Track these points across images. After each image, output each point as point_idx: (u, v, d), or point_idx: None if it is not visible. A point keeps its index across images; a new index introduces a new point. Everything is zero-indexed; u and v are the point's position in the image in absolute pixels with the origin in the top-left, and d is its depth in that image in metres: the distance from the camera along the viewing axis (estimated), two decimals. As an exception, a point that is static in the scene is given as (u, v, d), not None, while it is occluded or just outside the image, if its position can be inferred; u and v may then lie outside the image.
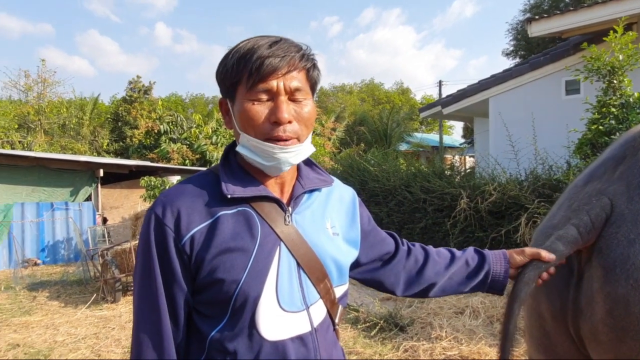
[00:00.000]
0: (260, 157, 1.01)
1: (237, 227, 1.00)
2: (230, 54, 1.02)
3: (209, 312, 1.00)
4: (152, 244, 0.99)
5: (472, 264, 1.27)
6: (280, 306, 0.99)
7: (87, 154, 24.32)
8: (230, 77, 1.01)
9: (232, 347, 0.97)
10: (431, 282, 1.25)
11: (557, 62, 8.22)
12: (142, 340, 0.99)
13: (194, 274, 0.99)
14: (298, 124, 1.01)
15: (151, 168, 13.26)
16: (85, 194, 12.11)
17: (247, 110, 0.99)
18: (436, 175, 7.31)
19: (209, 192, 1.03)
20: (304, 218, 1.07)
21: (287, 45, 1.00)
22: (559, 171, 6.14)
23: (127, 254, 6.61)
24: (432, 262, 1.26)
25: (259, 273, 0.98)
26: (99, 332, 5.22)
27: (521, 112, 8.23)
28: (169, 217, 0.98)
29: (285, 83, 0.98)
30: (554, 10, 16.24)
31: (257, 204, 1.03)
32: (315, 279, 1.04)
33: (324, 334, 1.06)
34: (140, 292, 1.01)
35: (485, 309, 4.73)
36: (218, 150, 15.71)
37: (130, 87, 28.19)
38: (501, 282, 1.26)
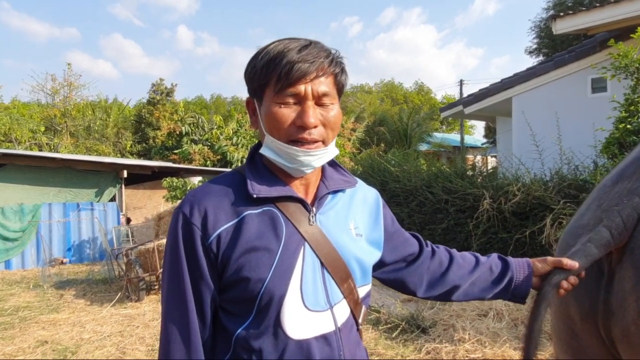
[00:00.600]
0: (284, 159, 1.02)
1: (262, 227, 1.01)
2: (260, 56, 1.02)
3: (235, 310, 1.02)
4: (179, 242, 1.00)
5: (496, 270, 1.26)
6: (305, 305, 1.00)
7: (110, 155, 24.79)
8: (258, 79, 1.02)
9: (257, 345, 0.98)
10: (454, 285, 1.24)
11: (582, 60, 8.03)
12: (170, 337, 1.01)
13: (220, 272, 1.01)
14: (324, 127, 1.02)
15: (173, 169, 13.45)
16: (109, 194, 12.36)
17: (274, 113, 1.00)
18: (458, 175, 7.22)
19: (235, 192, 1.04)
20: (327, 218, 1.08)
21: (316, 50, 1.01)
22: (586, 171, 6.00)
23: (150, 254, 6.72)
24: (456, 266, 1.26)
25: (283, 272, 0.99)
26: (124, 330, 5.32)
27: (545, 111, 8.07)
28: (196, 216, 1.00)
29: (313, 88, 0.99)
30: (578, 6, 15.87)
31: (282, 204, 1.04)
32: (339, 278, 1.05)
33: (347, 334, 1.06)
34: (169, 289, 1.03)
35: (509, 312, 4.65)
36: (238, 151, 15.85)
37: (153, 89, 28.66)
38: (524, 290, 1.25)
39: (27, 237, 10.53)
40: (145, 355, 4.51)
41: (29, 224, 10.48)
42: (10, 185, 11.02)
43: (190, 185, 10.91)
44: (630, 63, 5.36)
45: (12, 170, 11.08)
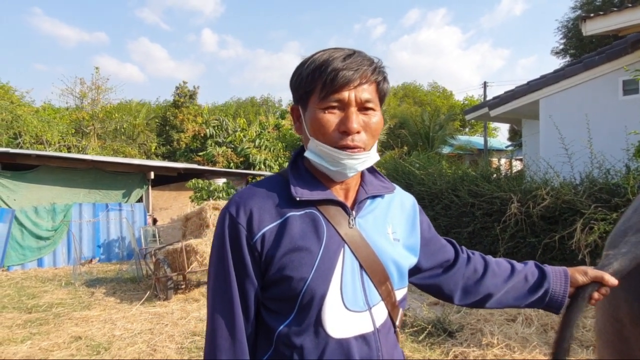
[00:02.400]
0: (328, 162, 1.05)
1: (304, 228, 1.05)
2: (306, 64, 1.07)
3: (277, 308, 1.05)
4: (226, 241, 1.05)
5: (532, 280, 1.26)
6: (345, 305, 1.03)
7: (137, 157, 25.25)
8: (304, 86, 1.06)
9: (299, 342, 1.02)
10: (488, 292, 1.25)
11: (613, 61, 7.86)
12: (216, 331, 1.05)
13: (263, 270, 1.05)
14: (365, 133, 1.05)
15: (198, 171, 13.65)
16: (137, 195, 12.62)
17: (319, 118, 1.04)
18: (484, 178, 7.16)
19: (278, 194, 1.08)
20: (366, 222, 1.11)
21: (360, 59, 1.05)
22: (618, 175, 5.88)
23: (178, 254, 6.85)
24: (491, 273, 1.26)
25: (325, 272, 1.02)
26: (154, 328, 5.44)
27: (574, 113, 7.93)
28: (242, 216, 1.05)
29: (356, 95, 1.03)
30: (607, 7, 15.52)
31: (323, 207, 1.08)
32: (377, 281, 1.07)
33: (385, 335, 1.09)
34: (215, 285, 1.07)
35: (538, 317, 4.59)
36: (261, 153, 16.00)
37: (177, 92, 29.16)
38: (559, 302, 1.25)
39: (59, 236, 10.84)
40: (175, 352, 4.61)
41: (61, 224, 10.79)
42: (43, 186, 11.37)
43: (214, 187, 11.08)
44: (664, 65, 5.24)
45: (45, 171, 11.43)
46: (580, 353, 3.86)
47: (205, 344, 1.08)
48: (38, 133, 21.47)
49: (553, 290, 1.24)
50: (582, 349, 3.94)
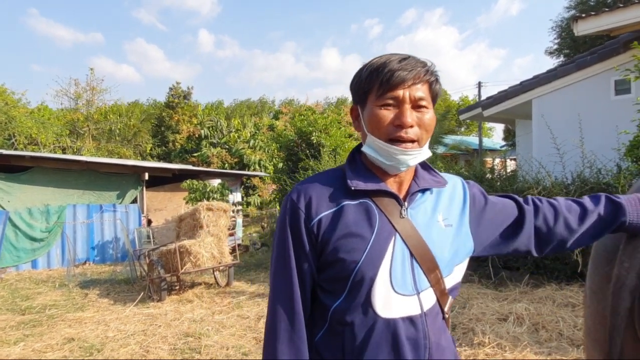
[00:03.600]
0: (383, 156, 1.14)
1: (358, 216, 1.14)
2: (365, 68, 1.17)
3: (330, 288, 1.14)
4: (287, 224, 1.16)
5: (606, 216, 1.25)
6: (393, 288, 1.10)
7: (131, 158, 25.19)
8: (363, 86, 1.16)
9: (349, 319, 1.11)
10: (563, 238, 1.26)
11: (605, 61, 7.91)
12: (277, 308, 1.15)
13: (319, 252, 1.14)
14: (419, 128, 1.14)
15: (193, 172, 13.64)
16: (131, 196, 12.59)
17: (376, 114, 1.13)
18: (477, 178, 7.18)
19: (336, 185, 1.18)
20: (417, 213, 1.18)
21: (414, 62, 1.14)
22: (609, 175, 5.91)
23: (172, 255, 6.85)
24: (563, 220, 1.25)
25: (375, 257, 1.10)
26: (147, 329, 5.43)
27: (567, 113, 7.97)
28: (302, 201, 1.15)
29: (410, 93, 1.12)
30: (601, 7, 15.59)
31: (377, 198, 1.16)
32: (427, 268, 1.14)
33: (433, 319, 1.14)
34: (277, 265, 1.18)
35: (530, 316, 4.61)
36: (255, 154, 15.99)
37: (170, 93, 29.10)
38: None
39: (53, 237, 10.81)
40: (167, 353, 4.61)
41: (55, 225, 10.76)
42: (37, 187, 11.34)
43: (210, 188, 11.06)
44: (654, 65, 5.27)
45: (39, 172, 11.39)
46: (571, 352, 3.88)
47: (267, 320, 1.17)
48: (33, 134, 21.39)
49: (631, 221, 1.22)
50: (573, 348, 3.96)
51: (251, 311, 5.94)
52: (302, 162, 10.68)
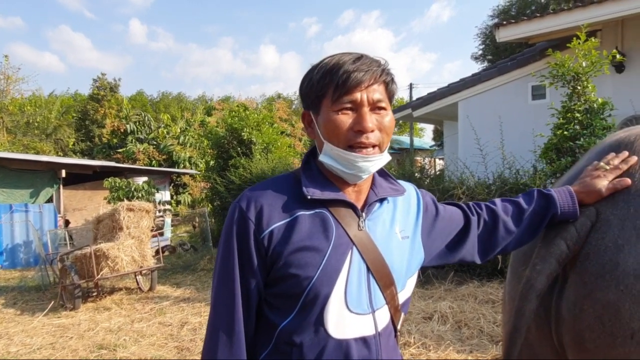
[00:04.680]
0: (342, 165, 1.07)
1: (313, 228, 1.06)
2: (316, 70, 1.09)
3: (279, 305, 1.06)
4: (233, 234, 1.06)
5: (540, 211, 1.28)
6: (348, 307, 1.04)
7: (51, 153, 23.56)
8: (316, 90, 1.08)
9: (298, 340, 1.03)
10: (505, 242, 1.27)
11: (523, 68, 8.36)
12: (217, 323, 1.06)
13: (268, 266, 1.05)
14: (380, 132, 1.07)
15: (117, 169, 12.89)
16: (46, 195, 11.67)
17: (333, 120, 1.05)
18: (405, 178, 7.31)
19: (289, 193, 1.10)
20: (375, 225, 1.12)
21: (369, 61, 1.08)
22: (526, 175, 6.22)
23: (87, 259, 6.35)
24: (502, 224, 1.27)
25: (330, 273, 1.03)
26: (56, 342, 4.98)
27: (489, 116, 8.33)
28: (252, 211, 1.06)
29: (368, 95, 1.05)
30: (521, 16, 16.59)
31: (333, 208, 1.09)
32: (383, 284, 1.08)
33: (386, 339, 1.10)
34: (220, 277, 1.08)
35: (453, 314, 4.72)
36: (185, 151, 15.40)
37: (95, 84, 27.40)
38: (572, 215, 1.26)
39: (-48, 241, 9.75)
40: (77, 369, 4.23)
41: (-47, 228, 9.70)
42: None
43: (134, 186, 10.46)
44: (566, 72, 5.59)
45: None
46: (491, 349, 4.00)
47: (206, 333, 1.09)
48: None
49: (562, 211, 1.26)
50: (492, 345, 4.08)
51: (174, 318, 5.63)
52: (233, 159, 10.39)
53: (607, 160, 1.29)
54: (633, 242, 1.15)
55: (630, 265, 1.13)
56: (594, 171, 1.29)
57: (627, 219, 1.18)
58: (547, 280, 1.22)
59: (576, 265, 1.22)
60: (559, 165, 5.38)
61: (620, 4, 6.71)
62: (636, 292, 1.11)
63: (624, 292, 1.12)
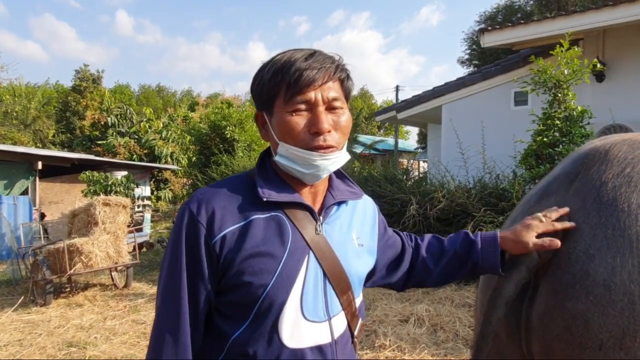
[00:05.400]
0: (300, 164, 1.02)
1: (268, 232, 1.01)
2: (267, 68, 1.03)
3: (231, 314, 1.01)
4: (182, 238, 1.00)
5: (461, 255, 1.26)
6: (303, 315, 1.00)
7: (30, 144, 23.05)
8: (267, 91, 1.03)
9: (252, 350, 0.98)
10: (422, 278, 1.29)
11: (507, 74, 8.44)
12: (161, 331, 1.00)
13: (220, 274, 1.00)
14: (336, 132, 1.03)
15: (95, 162, 12.65)
16: (21, 187, 11.38)
17: (286, 121, 1.01)
18: (387, 180, 7.30)
19: (244, 195, 1.04)
20: (332, 229, 1.09)
21: (322, 58, 1.03)
22: (505, 180, 6.26)
23: (60, 254, 6.19)
24: (422, 261, 1.28)
25: (286, 279, 0.99)
26: (24, 339, 4.84)
27: (472, 120, 8.37)
28: (203, 214, 1.00)
29: (322, 94, 1.01)
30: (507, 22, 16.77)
31: (290, 211, 1.04)
32: (340, 290, 1.06)
33: (343, 347, 1.07)
34: (165, 283, 1.02)
35: (429, 317, 4.72)
36: (168, 146, 15.20)
37: (78, 76, 26.89)
38: (493, 269, 1.24)
39: None
40: (44, 367, 4.11)
41: None
42: None
43: (112, 180, 10.27)
44: (548, 79, 5.64)
45: None
46: (465, 353, 4.00)
47: (150, 343, 1.02)
48: None
49: (483, 262, 1.23)
50: (467, 349, 4.08)
51: (148, 316, 5.52)
52: (215, 156, 10.28)
53: (545, 213, 1.24)
54: (604, 252, 1.14)
55: (600, 276, 1.12)
56: (528, 220, 1.23)
57: (598, 228, 1.17)
58: (515, 288, 1.21)
59: (548, 274, 1.21)
60: (538, 171, 5.42)
61: (602, 14, 6.81)
62: (605, 303, 1.10)
63: (594, 302, 1.12)
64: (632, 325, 1.07)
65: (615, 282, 1.10)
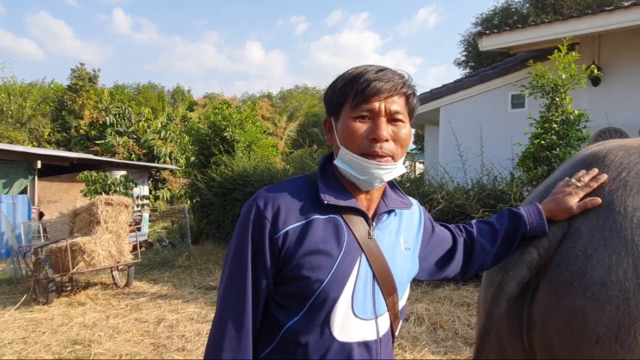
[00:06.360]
0: (356, 170, 1.10)
1: (326, 232, 1.09)
2: (340, 78, 1.13)
3: (287, 304, 1.09)
4: (249, 231, 1.08)
5: (512, 229, 1.34)
6: (353, 312, 1.08)
7: (26, 143, 22.95)
8: (337, 97, 1.12)
9: (304, 340, 1.06)
10: (482, 262, 1.35)
11: (504, 77, 8.55)
12: (225, 317, 1.08)
13: (280, 266, 1.08)
14: (394, 143, 1.10)
15: (94, 161, 12.67)
16: (20, 186, 11.40)
17: (350, 126, 1.09)
18: (387, 181, 7.38)
19: (305, 196, 1.13)
20: (383, 234, 1.17)
21: (391, 73, 1.11)
22: (503, 182, 6.36)
23: (62, 253, 6.24)
24: (479, 246, 1.34)
25: (340, 277, 1.07)
26: (28, 337, 4.89)
27: (470, 122, 8.48)
28: (269, 210, 1.08)
29: (386, 105, 1.08)
30: (503, 25, 16.90)
31: (346, 215, 1.12)
32: (386, 292, 1.13)
33: (386, 345, 1.15)
34: (231, 272, 1.10)
35: (429, 316, 4.81)
36: (166, 146, 15.22)
37: (74, 74, 26.80)
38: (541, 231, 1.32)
39: None
40: (50, 364, 4.17)
41: None
42: None
43: (111, 180, 10.30)
44: (546, 83, 5.74)
45: None
46: (465, 350, 4.09)
47: (213, 324, 1.10)
48: None
49: (531, 228, 1.31)
50: (466, 347, 4.18)
51: (150, 314, 5.58)
52: (215, 157, 10.33)
53: (578, 177, 1.34)
54: (600, 252, 1.21)
55: (598, 274, 1.19)
56: (566, 187, 1.34)
57: (596, 229, 1.24)
58: (517, 286, 1.28)
59: (547, 272, 1.28)
60: (536, 173, 5.52)
61: (598, 19, 6.92)
62: (602, 299, 1.17)
63: (591, 298, 1.18)
64: (627, 320, 1.14)
65: (611, 280, 1.17)
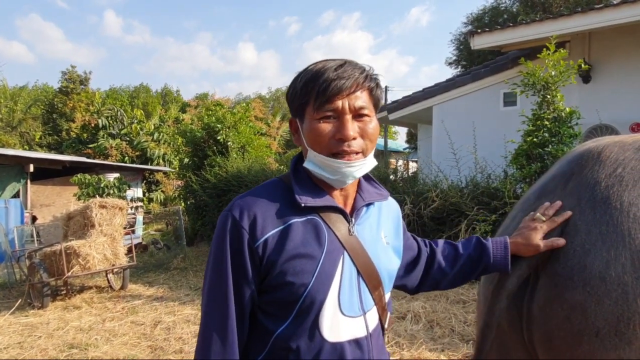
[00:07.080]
0: (327, 171, 1.09)
1: (306, 234, 1.08)
2: (299, 77, 1.11)
3: (274, 312, 1.08)
4: (226, 243, 1.06)
5: (474, 258, 1.35)
6: (341, 310, 1.08)
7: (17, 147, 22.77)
8: (299, 98, 1.10)
9: (295, 345, 1.05)
10: (437, 280, 1.36)
11: (496, 75, 8.60)
12: (209, 333, 1.06)
13: (263, 275, 1.06)
14: (362, 139, 1.09)
15: (87, 164, 12.60)
16: (12, 190, 11.30)
17: (314, 128, 1.07)
18: (381, 180, 7.42)
19: (281, 200, 1.11)
20: (363, 229, 1.16)
21: (351, 68, 1.09)
22: (497, 180, 6.41)
23: (57, 257, 6.20)
24: (438, 264, 1.35)
25: (325, 278, 1.06)
26: (24, 341, 4.86)
27: (463, 121, 8.52)
28: (245, 219, 1.06)
29: (350, 102, 1.07)
30: (494, 23, 17.01)
31: (324, 214, 1.12)
32: (372, 286, 1.13)
33: (376, 339, 1.15)
34: (211, 286, 1.08)
35: (426, 314, 4.84)
36: (159, 148, 15.16)
37: (65, 77, 26.60)
38: (503, 269, 1.33)
39: None
40: (47, 369, 4.15)
41: None
42: None
43: (104, 183, 10.25)
44: (537, 81, 5.80)
45: None
46: (462, 347, 4.12)
47: (197, 347, 1.09)
48: None
49: (494, 264, 1.32)
50: (463, 344, 4.21)
51: (147, 317, 5.57)
52: (209, 158, 10.32)
53: (543, 211, 1.34)
54: (599, 247, 1.23)
55: (596, 268, 1.21)
56: (531, 222, 1.33)
57: (593, 225, 1.26)
58: (517, 281, 1.31)
59: (547, 267, 1.30)
60: (529, 170, 5.57)
61: (588, 17, 6.99)
62: (601, 293, 1.19)
63: (590, 293, 1.20)
64: (626, 313, 1.16)
65: (609, 274, 1.19)
